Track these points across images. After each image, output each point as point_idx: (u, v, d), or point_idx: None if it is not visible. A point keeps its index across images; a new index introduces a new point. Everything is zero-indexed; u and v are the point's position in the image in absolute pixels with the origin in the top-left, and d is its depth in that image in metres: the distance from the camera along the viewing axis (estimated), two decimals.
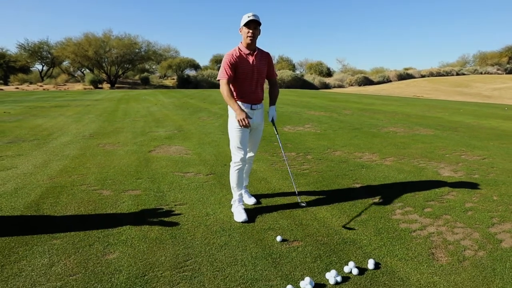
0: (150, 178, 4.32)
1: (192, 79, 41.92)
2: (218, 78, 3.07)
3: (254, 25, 2.96)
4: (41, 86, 36.92)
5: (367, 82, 48.28)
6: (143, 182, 4.17)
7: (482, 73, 52.05)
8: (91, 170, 4.68)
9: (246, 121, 2.91)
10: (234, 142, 3.16)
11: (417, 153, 5.94)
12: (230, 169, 3.25)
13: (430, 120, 10.75)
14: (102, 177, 4.36)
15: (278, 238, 2.76)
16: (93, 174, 4.47)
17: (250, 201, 3.54)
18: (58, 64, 44.73)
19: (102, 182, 4.14)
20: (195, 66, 51.06)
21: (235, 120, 3.09)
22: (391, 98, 23.10)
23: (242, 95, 3.13)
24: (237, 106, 2.96)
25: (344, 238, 2.81)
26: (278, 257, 2.52)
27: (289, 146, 6.42)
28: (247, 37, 2.99)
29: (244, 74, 3.08)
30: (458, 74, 52.28)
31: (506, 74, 51.06)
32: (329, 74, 54.56)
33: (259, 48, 3.18)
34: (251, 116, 3.16)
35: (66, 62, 44.05)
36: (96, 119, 10.00)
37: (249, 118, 3.00)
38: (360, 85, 47.10)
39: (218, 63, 52.80)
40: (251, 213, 3.27)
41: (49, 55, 44.04)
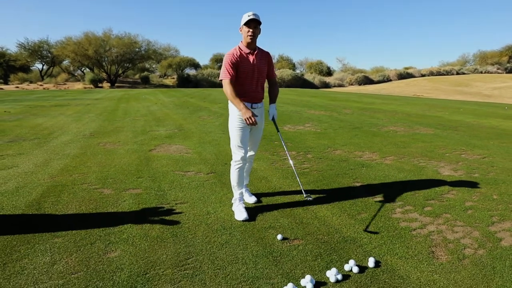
0: (150, 177, 4.33)
1: (192, 78, 41.92)
2: (221, 78, 3.07)
3: (254, 24, 2.97)
4: (41, 85, 36.88)
5: (367, 81, 48.30)
6: (144, 181, 4.18)
7: (482, 72, 52.06)
8: (92, 169, 4.69)
9: (253, 119, 2.91)
10: (234, 141, 3.17)
11: (417, 152, 5.95)
12: (231, 168, 3.26)
13: (430, 119, 10.75)
14: (103, 176, 4.37)
15: (279, 237, 2.77)
16: (94, 173, 4.48)
17: (251, 199, 3.55)
18: (58, 63, 44.65)
19: (103, 181, 4.16)
20: (195, 65, 50.96)
21: (236, 119, 3.10)
22: (391, 97, 23.11)
23: (243, 94, 3.13)
24: (242, 105, 2.95)
25: (344, 237, 2.82)
26: (279, 255, 2.53)
27: (289, 145, 6.42)
28: (248, 36, 2.99)
29: (245, 73, 3.09)
30: (458, 74, 52.29)
31: (506, 73, 51.08)
32: (329, 73, 54.55)
33: (259, 47, 3.19)
34: None
35: (66, 61, 43.97)
36: (96, 118, 10.01)
37: (255, 116, 2.99)
38: (360, 84, 47.12)
39: (218, 62, 52.77)
40: (252, 211, 3.28)
41: (49, 54, 43.96)
